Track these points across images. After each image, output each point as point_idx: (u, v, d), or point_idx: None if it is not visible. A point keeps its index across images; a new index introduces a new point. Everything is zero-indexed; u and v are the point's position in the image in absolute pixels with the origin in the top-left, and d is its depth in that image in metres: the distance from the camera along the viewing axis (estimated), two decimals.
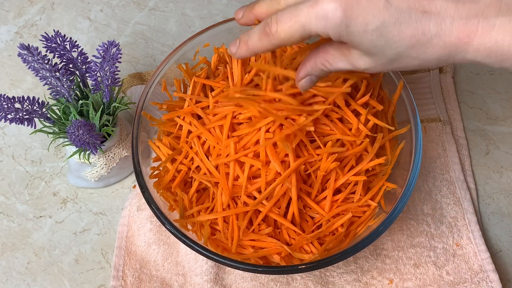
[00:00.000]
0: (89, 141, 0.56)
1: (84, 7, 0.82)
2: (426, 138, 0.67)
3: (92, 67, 0.58)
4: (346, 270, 0.59)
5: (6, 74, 0.77)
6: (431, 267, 0.59)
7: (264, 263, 0.53)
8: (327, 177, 0.54)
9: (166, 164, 0.57)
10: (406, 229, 0.61)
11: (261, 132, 0.52)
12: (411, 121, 0.56)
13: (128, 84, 0.73)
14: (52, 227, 0.64)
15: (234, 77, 0.58)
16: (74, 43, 0.59)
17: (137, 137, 0.57)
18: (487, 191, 0.65)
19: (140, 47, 0.78)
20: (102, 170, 0.63)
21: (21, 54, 0.54)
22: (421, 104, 0.70)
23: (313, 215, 0.55)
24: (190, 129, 0.57)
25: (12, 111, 0.55)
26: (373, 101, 0.55)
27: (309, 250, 0.53)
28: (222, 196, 0.54)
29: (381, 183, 0.55)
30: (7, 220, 0.65)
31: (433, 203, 0.63)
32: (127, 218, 0.63)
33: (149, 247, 0.61)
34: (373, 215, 0.54)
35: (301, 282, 0.58)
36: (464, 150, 0.67)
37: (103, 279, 0.61)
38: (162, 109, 0.60)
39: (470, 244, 0.60)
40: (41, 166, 0.69)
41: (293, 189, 0.52)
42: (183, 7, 0.82)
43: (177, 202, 0.55)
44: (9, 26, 0.81)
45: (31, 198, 0.66)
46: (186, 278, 0.59)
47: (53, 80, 0.57)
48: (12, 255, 0.63)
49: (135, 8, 0.82)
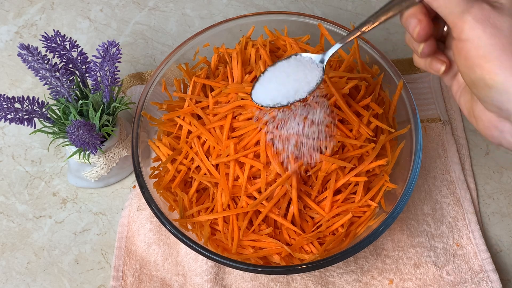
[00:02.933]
0: (89, 141, 0.56)
1: (84, 7, 0.82)
2: (426, 138, 0.67)
3: (92, 67, 0.58)
4: (346, 270, 0.59)
5: (6, 74, 0.76)
6: (431, 267, 0.59)
7: (264, 263, 0.53)
8: (328, 178, 0.54)
9: (166, 164, 0.57)
10: (406, 229, 0.61)
11: (262, 132, 0.52)
12: (411, 121, 0.56)
13: (128, 84, 0.73)
14: (52, 227, 0.64)
15: (234, 77, 0.58)
16: (74, 43, 0.59)
17: (137, 137, 0.57)
18: (487, 191, 0.65)
19: (140, 47, 0.78)
20: (102, 170, 0.63)
21: (21, 54, 0.54)
22: (421, 104, 0.70)
23: (313, 215, 0.55)
24: (190, 129, 0.57)
25: (12, 111, 0.55)
26: (373, 104, 0.55)
27: (309, 250, 0.53)
28: (222, 196, 0.54)
29: (381, 183, 0.55)
30: (7, 220, 0.65)
31: (433, 203, 0.63)
32: (127, 218, 0.63)
33: (149, 247, 0.61)
34: (373, 215, 0.54)
35: (301, 282, 0.58)
36: (464, 150, 0.67)
37: (103, 279, 0.61)
38: (162, 109, 0.60)
39: (470, 244, 0.60)
40: (41, 166, 0.69)
41: (293, 190, 0.52)
42: (183, 7, 0.82)
43: (177, 202, 0.55)
44: (9, 26, 0.81)
45: (31, 198, 0.66)
46: (186, 278, 0.59)
47: (53, 80, 0.57)
48: (12, 255, 0.63)
49: (135, 8, 0.82)
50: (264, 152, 0.52)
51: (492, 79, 0.36)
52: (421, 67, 0.45)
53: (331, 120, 0.50)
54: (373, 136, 0.55)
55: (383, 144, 0.55)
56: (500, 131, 0.39)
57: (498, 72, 0.35)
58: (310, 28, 0.63)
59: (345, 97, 0.54)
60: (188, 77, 0.61)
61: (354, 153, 0.54)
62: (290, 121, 0.49)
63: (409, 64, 0.73)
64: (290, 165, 0.51)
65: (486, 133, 0.40)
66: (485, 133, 0.40)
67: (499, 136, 0.39)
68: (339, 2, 0.81)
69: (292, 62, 0.49)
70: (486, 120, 0.39)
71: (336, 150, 0.53)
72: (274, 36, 0.63)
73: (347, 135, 0.54)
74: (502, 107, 0.37)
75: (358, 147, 0.54)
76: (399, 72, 0.59)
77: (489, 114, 0.39)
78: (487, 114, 0.39)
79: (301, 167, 0.52)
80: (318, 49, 0.61)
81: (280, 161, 0.52)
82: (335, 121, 0.51)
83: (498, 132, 0.39)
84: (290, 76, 0.48)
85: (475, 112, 0.40)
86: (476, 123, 0.41)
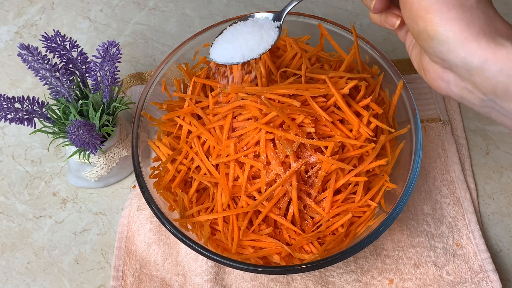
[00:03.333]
0: (89, 141, 0.56)
1: (84, 7, 0.82)
2: (426, 138, 0.67)
3: (92, 67, 0.58)
4: (346, 270, 0.59)
5: (6, 74, 0.76)
6: (431, 267, 0.59)
7: (264, 263, 0.53)
8: (328, 178, 0.54)
9: (166, 164, 0.57)
10: (406, 229, 0.61)
11: (262, 133, 0.52)
12: (411, 121, 0.56)
13: (128, 84, 0.73)
14: (52, 227, 0.64)
15: (234, 77, 0.58)
16: (74, 43, 0.59)
17: (137, 137, 0.57)
18: (487, 191, 0.65)
19: (140, 47, 0.78)
20: (102, 170, 0.63)
21: (21, 54, 0.54)
22: (421, 104, 0.70)
23: (313, 215, 0.55)
24: (190, 129, 0.57)
25: (12, 111, 0.55)
26: (373, 104, 0.55)
27: (309, 250, 0.53)
28: (222, 196, 0.54)
29: (381, 183, 0.55)
30: (7, 220, 0.65)
31: (433, 203, 0.63)
32: (127, 218, 0.63)
33: (149, 247, 0.61)
34: (373, 215, 0.54)
35: (301, 282, 0.58)
36: (464, 150, 0.67)
37: (103, 279, 0.61)
38: (162, 109, 0.60)
39: (470, 244, 0.60)
40: (41, 166, 0.69)
41: (293, 190, 0.52)
42: (183, 7, 0.82)
43: (177, 202, 0.55)
44: (9, 26, 0.81)
45: (31, 198, 0.66)
46: (186, 278, 0.59)
47: (53, 80, 0.57)
48: (12, 255, 0.63)
49: (135, 8, 0.82)
50: (264, 152, 0.52)
51: (434, 30, 0.37)
52: (377, 24, 0.46)
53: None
54: (373, 136, 0.55)
55: (383, 144, 0.55)
56: (446, 82, 0.40)
57: (439, 23, 0.37)
58: (310, 28, 0.63)
59: (345, 97, 0.54)
60: (188, 77, 0.61)
61: (354, 153, 0.54)
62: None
63: (409, 64, 0.73)
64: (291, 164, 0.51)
65: (433, 84, 0.42)
66: (433, 85, 0.42)
67: (446, 87, 0.40)
68: (339, 2, 0.81)
69: (249, 23, 0.52)
70: (432, 72, 0.41)
71: (336, 151, 0.53)
72: None
73: (347, 135, 0.54)
74: (444, 58, 0.38)
75: (358, 147, 0.54)
76: (399, 72, 0.59)
77: (434, 65, 0.40)
78: (433, 65, 0.41)
79: (301, 167, 0.52)
80: (318, 49, 0.61)
81: (280, 161, 0.52)
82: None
83: (444, 83, 0.40)
84: (247, 36, 0.51)
85: (423, 65, 0.42)
86: (424, 75, 0.42)
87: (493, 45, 0.36)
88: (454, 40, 0.37)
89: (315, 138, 0.53)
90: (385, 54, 0.60)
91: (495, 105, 0.38)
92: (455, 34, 0.36)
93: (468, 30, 0.36)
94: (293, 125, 0.52)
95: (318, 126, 0.54)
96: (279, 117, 0.52)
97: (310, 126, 0.52)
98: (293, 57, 0.60)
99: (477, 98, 0.39)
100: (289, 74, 0.59)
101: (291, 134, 0.52)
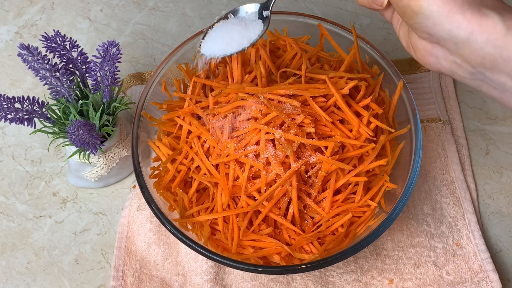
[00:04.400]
0: (89, 141, 0.56)
1: (84, 7, 0.82)
2: (426, 138, 0.67)
3: (92, 67, 0.58)
4: (346, 270, 0.59)
5: (6, 74, 0.77)
6: (431, 267, 0.59)
7: (264, 263, 0.53)
8: (328, 178, 0.54)
9: (166, 164, 0.57)
10: (406, 229, 0.61)
11: (262, 133, 0.52)
12: (411, 121, 0.56)
13: (128, 84, 0.73)
14: (52, 227, 0.64)
15: (234, 77, 0.58)
16: (74, 43, 0.59)
17: (137, 137, 0.57)
18: (487, 191, 0.65)
19: (140, 47, 0.78)
20: (102, 170, 0.63)
21: (21, 54, 0.54)
22: (421, 104, 0.70)
23: (313, 215, 0.55)
24: (190, 129, 0.57)
25: (12, 111, 0.55)
26: (373, 105, 0.55)
27: (309, 250, 0.53)
28: (222, 196, 0.54)
29: (381, 183, 0.55)
30: (7, 220, 0.65)
31: (433, 203, 0.63)
32: (127, 218, 0.63)
33: (149, 247, 0.61)
34: (373, 215, 0.54)
35: (301, 282, 0.58)
36: (464, 150, 0.67)
37: (103, 279, 0.61)
38: (162, 109, 0.60)
39: (470, 244, 0.60)
40: (41, 166, 0.69)
41: (293, 190, 0.52)
42: (183, 7, 0.82)
43: (177, 202, 0.55)
44: (9, 26, 0.81)
45: (31, 198, 0.66)
46: (186, 278, 0.59)
47: (53, 80, 0.57)
48: (12, 255, 0.63)
49: (135, 8, 0.82)
50: (264, 152, 0.52)
51: (417, 5, 0.37)
52: (365, 6, 0.46)
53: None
54: (373, 136, 0.55)
55: (383, 144, 0.55)
56: (435, 57, 0.40)
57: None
58: (310, 28, 0.63)
59: (345, 97, 0.54)
60: (188, 77, 0.61)
61: (354, 153, 0.54)
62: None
63: (409, 64, 0.73)
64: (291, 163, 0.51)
65: (424, 61, 0.42)
66: (423, 62, 0.42)
67: (436, 63, 0.40)
68: (339, 2, 0.81)
69: (237, 20, 0.54)
70: (421, 48, 0.41)
71: (336, 151, 0.53)
72: (274, 36, 0.63)
73: (347, 135, 0.54)
74: (430, 32, 0.38)
75: (358, 147, 0.54)
76: (399, 72, 0.59)
77: (423, 42, 0.40)
78: (421, 42, 0.41)
79: (301, 167, 0.52)
80: (318, 49, 0.61)
81: (280, 161, 0.52)
82: None
83: (434, 59, 0.40)
84: (235, 31, 0.53)
85: (412, 42, 0.42)
86: (414, 53, 0.43)
87: (478, 16, 0.36)
88: (438, 13, 0.37)
89: (315, 138, 0.53)
90: (385, 54, 0.60)
91: (485, 78, 0.38)
92: (439, 7, 0.37)
93: (452, 2, 0.36)
94: (293, 125, 0.52)
95: (318, 126, 0.54)
96: (279, 117, 0.52)
97: (310, 126, 0.52)
98: (293, 57, 0.60)
99: (467, 71, 0.39)
100: (289, 74, 0.59)
101: (291, 134, 0.52)
